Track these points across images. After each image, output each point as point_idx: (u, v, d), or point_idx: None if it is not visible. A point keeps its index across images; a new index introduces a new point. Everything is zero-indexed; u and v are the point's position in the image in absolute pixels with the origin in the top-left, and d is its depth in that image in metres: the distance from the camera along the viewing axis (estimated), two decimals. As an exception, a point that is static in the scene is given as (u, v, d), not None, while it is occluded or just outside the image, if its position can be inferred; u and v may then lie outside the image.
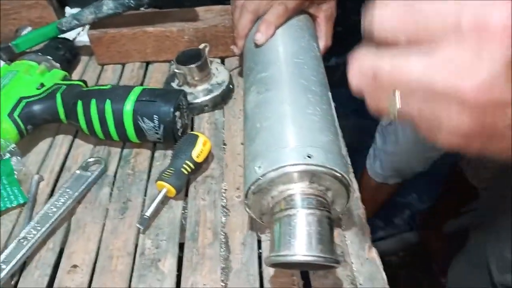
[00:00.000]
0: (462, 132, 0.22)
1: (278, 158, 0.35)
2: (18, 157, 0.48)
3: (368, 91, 0.25)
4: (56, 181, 0.49)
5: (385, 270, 0.39)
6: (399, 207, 1.50)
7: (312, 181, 0.35)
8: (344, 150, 0.47)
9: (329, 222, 0.34)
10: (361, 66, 0.24)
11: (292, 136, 0.36)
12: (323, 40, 0.55)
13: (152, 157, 0.51)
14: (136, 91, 0.48)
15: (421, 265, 1.37)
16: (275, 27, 0.48)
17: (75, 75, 0.65)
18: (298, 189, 0.35)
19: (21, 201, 0.45)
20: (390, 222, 1.48)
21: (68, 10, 0.73)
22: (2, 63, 0.59)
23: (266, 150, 0.36)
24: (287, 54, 0.45)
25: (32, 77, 0.53)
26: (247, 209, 0.38)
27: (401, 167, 1.04)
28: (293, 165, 0.34)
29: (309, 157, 0.34)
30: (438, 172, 1.15)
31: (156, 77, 0.62)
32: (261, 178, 0.35)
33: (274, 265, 0.34)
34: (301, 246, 0.32)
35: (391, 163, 1.05)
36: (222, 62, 0.64)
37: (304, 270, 0.37)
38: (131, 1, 0.57)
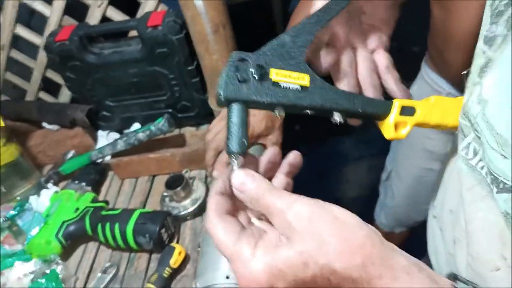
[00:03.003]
0: None
1: (207, 279, 0.54)
2: (62, 265, 0.71)
3: None
4: (87, 278, 0.72)
5: None
6: (417, 255, 1.57)
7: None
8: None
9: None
10: None
11: (221, 262, 0.55)
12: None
13: (149, 260, 0.72)
14: (135, 215, 0.71)
15: None
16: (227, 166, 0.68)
17: (104, 188, 0.89)
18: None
19: (63, 297, 0.68)
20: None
21: (100, 133, 0.99)
22: (54, 188, 0.85)
23: (203, 271, 0.56)
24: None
25: (71, 203, 0.77)
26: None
27: (402, 218, 1.13)
28: (217, 285, 0.54)
29: (227, 277, 0.53)
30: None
31: (159, 189, 0.85)
32: (198, 291, 0.55)
33: None
34: None
35: (392, 215, 1.15)
36: (206, 177, 0.84)
37: None
38: (135, 141, 0.80)
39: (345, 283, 0.29)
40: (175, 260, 0.66)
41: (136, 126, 0.97)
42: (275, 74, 0.34)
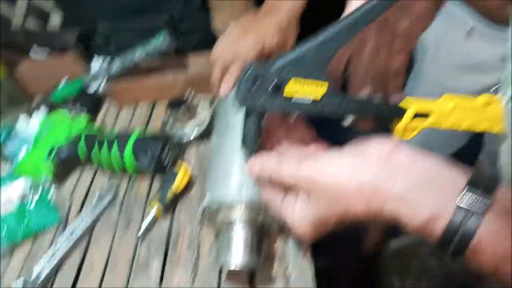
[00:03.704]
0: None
1: (218, 194, 0.48)
2: (54, 188, 0.65)
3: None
4: (83, 203, 0.66)
5: (416, 259, 0.49)
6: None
7: (245, 210, 0.47)
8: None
9: (257, 239, 0.47)
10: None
11: (231, 177, 0.49)
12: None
13: (151, 183, 0.66)
14: (132, 138, 0.64)
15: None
16: (235, 81, 0.61)
17: (100, 116, 0.82)
18: (234, 217, 0.48)
19: (57, 222, 0.62)
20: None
21: (94, 63, 0.91)
22: (43, 113, 0.77)
23: (212, 187, 0.50)
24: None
25: (63, 126, 0.70)
26: (207, 223, 0.51)
27: None
28: (227, 200, 0.47)
29: (239, 193, 0.47)
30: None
31: (159, 115, 0.78)
32: (206, 208, 0.48)
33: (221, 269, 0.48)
34: (233, 259, 0.45)
35: None
36: (212, 100, 0.78)
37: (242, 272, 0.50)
38: (132, 62, 0.72)
39: (361, 218, 0.34)
40: (178, 183, 0.60)
41: (133, 53, 0.88)
42: (289, 89, 0.36)
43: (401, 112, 0.38)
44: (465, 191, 0.31)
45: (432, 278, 1.36)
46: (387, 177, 0.33)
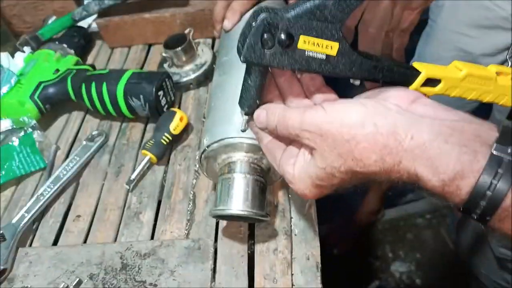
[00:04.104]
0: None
1: (220, 132, 0.43)
2: (39, 131, 0.59)
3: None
4: (70, 149, 0.61)
5: (410, 230, 0.46)
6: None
7: (248, 151, 0.43)
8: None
9: (259, 184, 0.42)
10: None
11: (235, 114, 0.44)
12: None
13: (145, 129, 0.61)
14: (127, 74, 0.58)
15: (447, 226, 1.41)
16: (240, 13, 0.54)
17: (90, 57, 0.75)
18: (236, 158, 0.43)
19: (42, 166, 0.57)
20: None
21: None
22: (29, 51, 0.71)
23: (212, 126, 0.45)
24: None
25: (49, 63, 0.64)
26: (204, 172, 0.47)
27: None
28: (230, 138, 0.42)
29: (243, 131, 0.42)
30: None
31: (156, 58, 0.71)
32: (206, 148, 0.43)
33: (216, 216, 0.43)
34: (234, 203, 0.41)
35: None
36: (213, 43, 0.71)
37: (241, 221, 0.46)
38: (127, -7, 0.65)
39: (372, 175, 0.30)
40: (175, 126, 0.55)
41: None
42: (303, 42, 0.31)
43: (411, 76, 0.35)
44: (495, 147, 0.26)
45: (425, 250, 1.35)
46: (407, 125, 0.28)
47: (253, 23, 0.31)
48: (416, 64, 0.35)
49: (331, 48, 0.32)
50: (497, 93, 0.35)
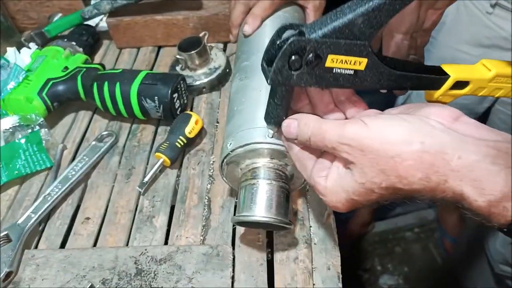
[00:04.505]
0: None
1: (245, 137, 0.42)
2: (46, 129, 0.57)
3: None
4: (77, 149, 0.59)
5: (399, 243, 0.46)
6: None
7: (273, 157, 0.42)
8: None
9: (284, 191, 0.42)
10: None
11: (260, 119, 0.43)
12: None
13: (156, 132, 0.59)
14: (141, 75, 0.57)
15: (435, 241, 1.42)
16: (261, 19, 0.54)
17: (97, 57, 0.74)
18: (260, 163, 0.42)
19: (48, 165, 0.55)
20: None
21: (94, -2, 0.82)
22: (35, 47, 0.69)
23: (237, 130, 0.44)
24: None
25: (58, 61, 0.62)
26: (223, 178, 0.46)
27: None
28: (255, 143, 0.41)
29: (270, 137, 0.41)
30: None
31: (165, 61, 0.70)
32: (230, 153, 0.42)
33: (237, 223, 0.42)
34: (259, 209, 0.40)
35: None
36: (224, 47, 0.70)
37: (263, 229, 0.45)
38: (141, -7, 0.64)
39: (414, 193, 0.29)
40: (191, 129, 0.53)
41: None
42: (330, 61, 0.31)
43: (439, 80, 0.35)
44: None
45: (413, 264, 1.36)
46: (455, 144, 0.28)
47: (278, 41, 0.31)
48: (444, 66, 0.36)
49: (359, 63, 0.32)
50: None
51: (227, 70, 0.64)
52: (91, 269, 0.44)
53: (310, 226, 0.47)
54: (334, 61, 0.31)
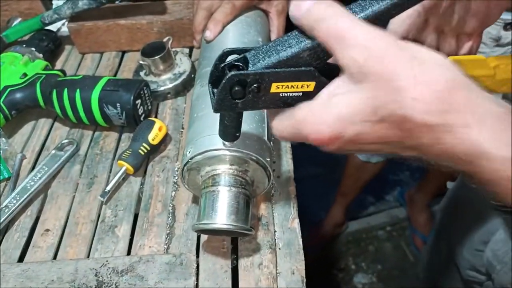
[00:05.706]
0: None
1: (204, 144, 0.42)
2: (4, 139, 0.55)
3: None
4: (37, 159, 0.57)
5: (372, 242, 0.45)
6: (391, 184, 1.57)
7: (232, 163, 0.42)
8: (266, 136, 0.49)
9: (244, 197, 0.41)
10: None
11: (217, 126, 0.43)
12: (275, 34, 0.60)
13: (119, 139, 0.58)
14: (103, 81, 0.55)
15: (407, 238, 1.45)
16: (222, 24, 0.54)
17: (59, 63, 0.72)
18: (220, 170, 0.42)
19: (6, 176, 0.53)
20: (381, 198, 1.56)
21: (56, 2, 0.80)
22: (-8, 53, 0.66)
23: (196, 137, 0.43)
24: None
25: (16, 67, 0.60)
26: (185, 185, 0.45)
27: None
28: (215, 150, 0.41)
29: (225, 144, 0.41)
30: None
31: (130, 66, 0.69)
32: (190, 160, 0.42)
33: (198, 231, 0.42)
34: (219, 216, 0.40)
35: None
36: (190, 52, 0.70)
37: (224, 235, 0.44)
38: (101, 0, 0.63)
39: (418, 131, 0.25)
40: (154, 136, 0.53)
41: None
42: (275, 88, 0.30)
43: None
44: None
45: (386, 262, 1.39)
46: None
47: (221, 65, 0.31)
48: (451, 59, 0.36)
49: (307, 86, 0.30)
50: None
51: (192, 76, 0.63)
52: (50, 283, 0.43)
53: (275, 231, 0.47)
54: (279, 87, 0.30)
